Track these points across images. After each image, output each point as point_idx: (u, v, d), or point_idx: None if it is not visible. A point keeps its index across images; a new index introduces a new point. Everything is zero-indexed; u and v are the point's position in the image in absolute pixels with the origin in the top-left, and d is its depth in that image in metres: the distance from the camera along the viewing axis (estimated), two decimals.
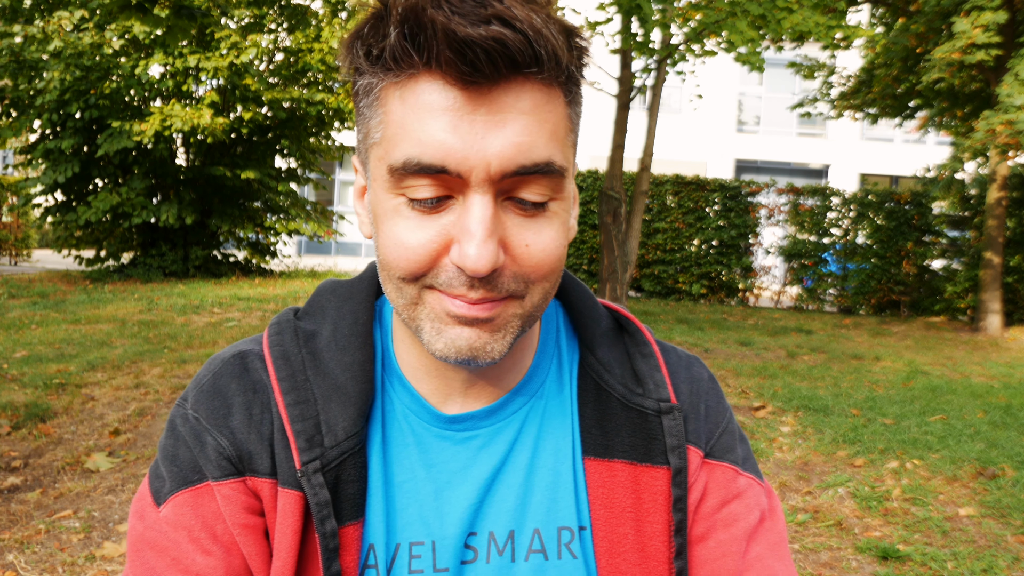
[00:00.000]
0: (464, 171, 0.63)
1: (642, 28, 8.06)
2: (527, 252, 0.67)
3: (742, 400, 5.92)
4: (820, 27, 7.41)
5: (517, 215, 0.66)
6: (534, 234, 0.67)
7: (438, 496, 0.76)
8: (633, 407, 0.79)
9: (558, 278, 0.71)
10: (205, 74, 11.44)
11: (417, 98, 0.63)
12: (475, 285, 0.65)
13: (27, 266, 15.39)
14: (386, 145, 0.66)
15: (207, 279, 11.91)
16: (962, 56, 9.64)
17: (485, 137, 0.62)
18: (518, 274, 0.67)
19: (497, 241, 0.64)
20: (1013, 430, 5.41)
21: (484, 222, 0.63)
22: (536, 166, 0.64)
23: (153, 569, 0.71)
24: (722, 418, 0.84)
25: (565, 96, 0.67)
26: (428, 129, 0.63)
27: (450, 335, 0.68)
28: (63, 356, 6.10)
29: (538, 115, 0.64)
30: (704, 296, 13.92)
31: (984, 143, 9.50)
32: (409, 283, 0.68)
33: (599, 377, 0.80)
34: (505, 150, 0.63)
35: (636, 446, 0.77)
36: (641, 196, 9.45)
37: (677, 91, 21.99)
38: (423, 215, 0.66)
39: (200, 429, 0.74)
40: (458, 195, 0.65)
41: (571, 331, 0.86)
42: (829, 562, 3.34)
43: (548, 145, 0.65)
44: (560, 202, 0.69)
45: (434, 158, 0.63)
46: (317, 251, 22.64)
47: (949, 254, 13.40)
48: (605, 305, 0.87)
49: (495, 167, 0.63)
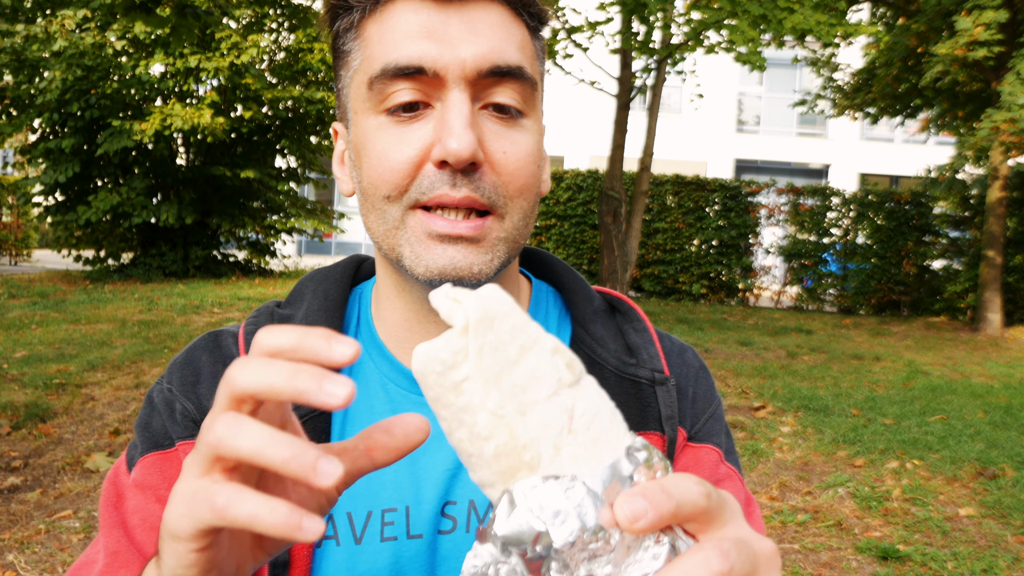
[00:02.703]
0: (440, 68, 0.67)
1: (643, 26, 8.06)
2: (505, 159, 0.69)
3: (742, 400, 5.91)
4: (821, 26, 7.40)
5: (494, 123, 0.69)
6: (511, 143, 0.70)
7: (413, 463, 0.75)
8: (627, 377, 0.78)
9: (534, 200, 0.73)
10: (206, 74, 11.43)
11: (394, 16, 0.69)
12: (457, 183, 0.67)
13: (27, 266, 15.38)
14: (365, 64, 0.70)
15: (207, 279, 11.91)
16: (964, 53, 9.64)
17: (459, 41, 0.67)
18: (497, 184, 0.69)
19: (477, 135, 0.67)
20: (1013, 430, 5.41)
21: (463, 113, 0.66)
22: (509, 68, 0.68)
23: (123, 525, 0.73)
24: (709, 405, 0.83)
25: (527, 23, 0.73)
26: (405, 39, 0.67)
27: (433, 254, 0.68)
28: (63, 356, 6.10)
29: (506, 29, 0.70)
30: (704, 296, 13.92)
31: (988, 140, 9.51)
32: (393, 202, 0.69)
33: (591, 351, 0.80)
34: (479, 50, 0.67)
35: (630, 416, 0.76)
36: (641, 196, 9.45)
37: (677, 91, 21.98)
38: (403, 126, 0.68)
39: (171, 398, 0.77)
40: (435, 102, 0.68)
41: (563, 311, 0.86)
42: (829, 562, 3.34)
43: (517, 53, 0.70)
44: (533, 121, 0.72)
45: (411, 59, 0.67)
46: (317, 251, 22.64)
47: (949, 254, 13.39)
48: (598, 290, 0.88)
49: (470, 65, 0.67)
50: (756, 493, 4.08)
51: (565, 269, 0.87)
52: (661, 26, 8.14)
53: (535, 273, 0.89)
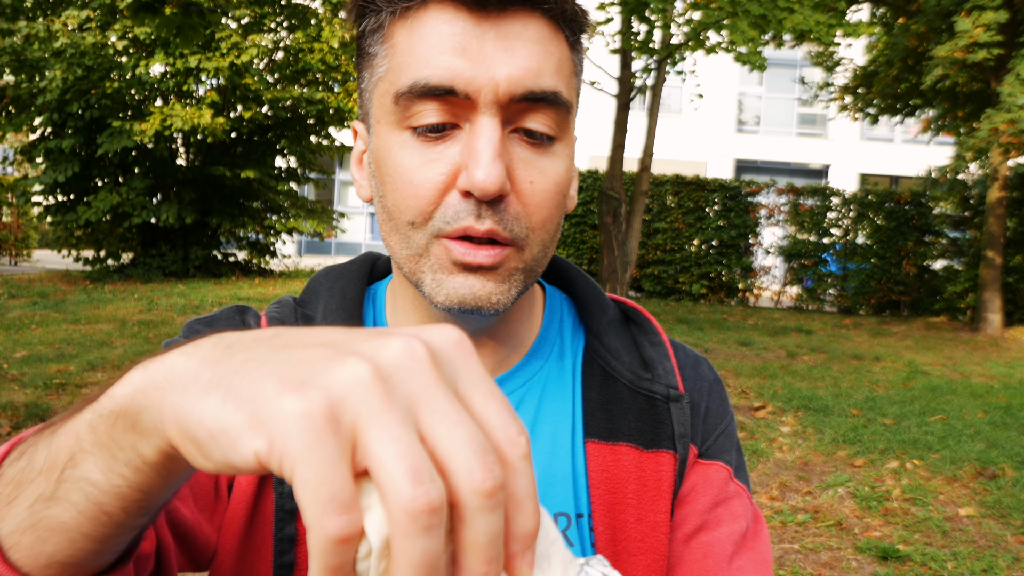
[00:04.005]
0: (472, 91, 0.63)
1: (644, 25, 8.06)
2: (531, 189, 0.66)
3: (742, 400, 5.91)
4: (821, 26, 7.41)
5: (524, 149, 0.66)
6: (539, 172, 0.67)
7: None
8: (642, 392, 0.77)
9: (556, 230, 0.71)
10: (206, 74, 11.44)
11: (425, 26, 0.64)
12: (482, 214, 0.64)
13: (27, 266, 15.38)
14: (392, 75, 0.66)
15: (207, 279, 11.91)
16: (964, 55, 9.64)
17: (494, 60, 0.63)
18: (521, 215, 0.66)
19: (505, 166, 0.63)
20: (1013, 430, 5.41)
21: (492, 142, 0.63)
22: (544, 93, 0.64)
23: None
24: (721, 421, 0.82)
25: (567, 38, 0.68)
26: (436, 52, 0.63)
27: (453, 283, 0.66)
28: (63, 356, 6.10)
29: (544, 46, 0.65)
30: (704, 296, 13.92)
31: (987, 142, 9.51)
32: (417, 229, 0.67)
33: (606, 363, 0.78)
34: (514, 73, 0.63)
35: (643, 431, 0.75)
36: (641, 196, 9.45)
37: (677, 91, 21.98)
38: (429, 146, 0.65)
39: None
40: (464, 123, 0.65)
41: (577, 320, 0.84)
42: (829, 562, 3.34)
43: (555, 76, 0.66)
44: (565, 145, 0.69)
45: (442, 78, 0.63)
46: (317, 251, 22.64)
47: (949, 254, 13.39)
48: (613, 298, 0.86)
49: (503, 89, 0.63)
50: (756, 493, 4.09)
51: (579, 276, 0.85)
52: (661, 26, 8.14)
53: (547, 278, 0.88)
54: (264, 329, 0.38)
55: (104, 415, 0.40)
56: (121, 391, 0.39)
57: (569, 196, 0.73)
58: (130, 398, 0.38)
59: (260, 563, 0.69)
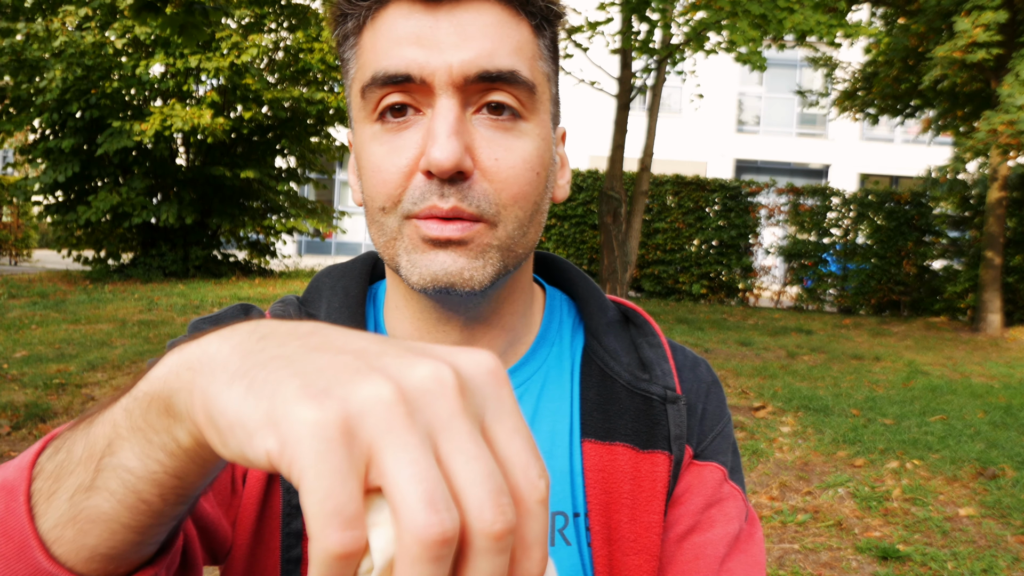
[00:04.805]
0: (427, 76, 0.65)
1: (644, 25, 8.06)
2: (496, 166, 0.67)
3: (742, 400, 5.91)
4: (821, 26, 7.41)
5: (488, 128, 0.68)
6: (504, 150, 0.68)
7: None
8: (639, 393, 0.77)
9: (533, 209, 0.71)
10: (206, 74, 11.44)
11: (385, 23, 0.68)
12: (445, 193, 0.65)
13: (27, 266, 15.39)
14: (360, 73, 0.70)
15: (207, 279, 11.91)
16: (963, 55, 9.64)
17: (447, 45, 0.66)
18: (488, 192, 0.67)
19: (463, 143, 0.65)
20: (1013, 430, 5.41)
21: (448, 121, 0.65)
22: (500, 72, 0.66)
23: None
24: (718, 422, 0.82)
25: (530, 22, 0.70)
26: (394, 45, 0.66)
27: (425, 260, 0.67)
28: (63, 356, 6.10)
29: (501, 29, 0.67)
30: (704, 296, 13.92)
31: (986, 143, 9.51)
32: (388, 213, 0.69)
33: (604, 364, 0.79)
34: (466, 55, 0.65)
35: (639, 431, 0.76)
36: (641, 196, 9.45)
37: (677, 91, 21.99)
38: (394, 135, 0.68)
39: None
40: (426, 109, 0.67)
41: (577, 321, 0.85)
42: (829, 562, 3.34)
43: (511, 56, 0.67)
44: (535, 125, 0.70)
45: (399, 67, 0.66)
46: (317, 251, 22.64)
47: (949, 254, 13.39)
48: (612, 299, 0.86)
49: (457, 71, 0.65)
50: (756, 493, 4.09)
51: (580, 276, 0.86)
52: (662, 26, 8.14)
53: (548, 279, 0.88)
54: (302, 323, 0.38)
55: (139, 398, 0.40)
56: (157, 373, 0.40)
57: (558, 185, 0.75)
58: (163, 380, 0.39)
59: (269, 557, 0.70)
